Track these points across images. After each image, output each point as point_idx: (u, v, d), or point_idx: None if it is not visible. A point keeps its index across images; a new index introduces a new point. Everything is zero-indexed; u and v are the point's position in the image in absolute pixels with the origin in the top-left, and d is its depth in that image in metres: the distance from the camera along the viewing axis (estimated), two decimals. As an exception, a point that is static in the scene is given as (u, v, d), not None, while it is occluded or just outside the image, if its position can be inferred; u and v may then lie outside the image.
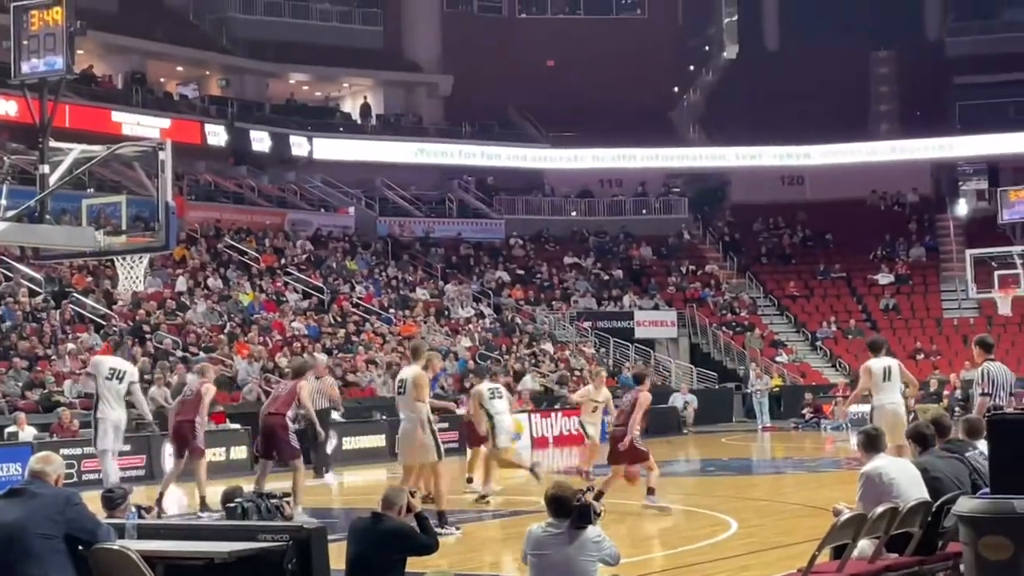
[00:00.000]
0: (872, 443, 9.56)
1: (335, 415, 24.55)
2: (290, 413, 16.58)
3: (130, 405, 18.14)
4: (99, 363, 18.16)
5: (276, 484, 15.44)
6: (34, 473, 7.60)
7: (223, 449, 24.74)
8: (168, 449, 20.12)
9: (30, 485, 7.52)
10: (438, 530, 14.64)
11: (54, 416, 24.45)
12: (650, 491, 16.44)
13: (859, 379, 17.06)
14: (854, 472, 11.27)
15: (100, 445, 17.45)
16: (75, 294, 31.15)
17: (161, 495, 17.12)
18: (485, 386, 19.62)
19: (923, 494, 9.14)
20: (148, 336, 30.06)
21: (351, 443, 27.86)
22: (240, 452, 25.11)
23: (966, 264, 35.29)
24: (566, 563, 7.81)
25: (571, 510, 7.89)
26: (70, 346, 28.30)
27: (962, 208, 50.78)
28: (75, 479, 21.92)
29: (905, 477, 9.20)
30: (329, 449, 23.76)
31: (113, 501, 9.65)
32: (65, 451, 21.97)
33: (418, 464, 15.57)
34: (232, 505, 10.91)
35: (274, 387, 20.52)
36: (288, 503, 11.94)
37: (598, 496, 14.34)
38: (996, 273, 33.53)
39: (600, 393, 21.84)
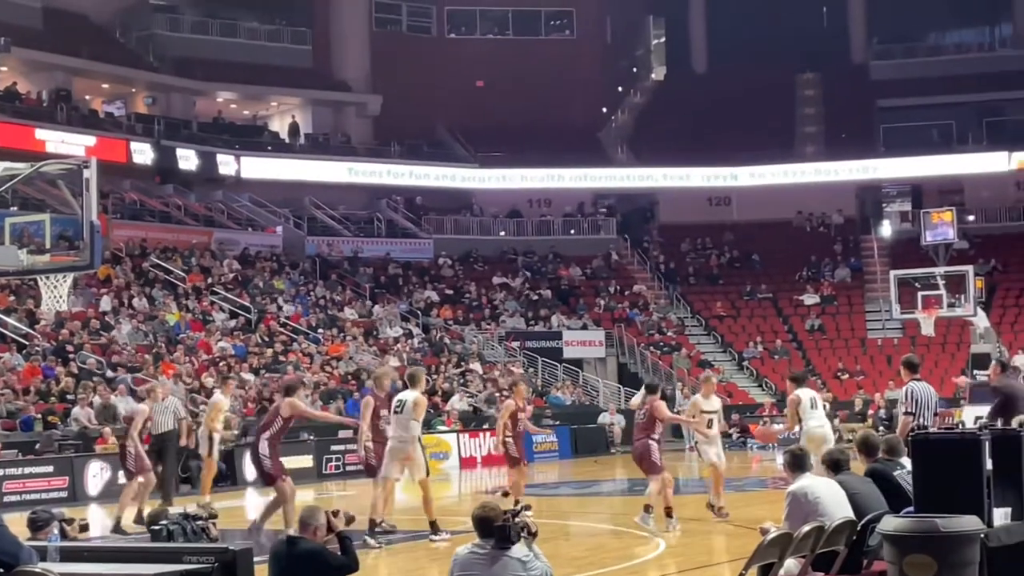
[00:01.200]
0: (798, 463, 9.64)
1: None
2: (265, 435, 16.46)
3: None
4: None
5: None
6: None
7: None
8: (91, 470, 19.94)
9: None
10: (432, 537, 15.84)
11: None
12: (647, 508, 16.50)
13: (789, 411, 17.74)
14: (780, 491, 11.34)
15: None
16: (-3, 313, 30.75)
17: (118, 518, 17.15)
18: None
19: (848, 513, 9.22)
20: (72, 356, 29.74)
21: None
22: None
23: (890, 285, 35.68)
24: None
25: (495, 530, 7.83)
26: (-8, 366, 27.91)
27: (886, 229, 51.35)
28: (-4, 501, 21.61)
29: (831, 496, 9.28)
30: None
31: (37, 523, 9.52)
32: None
33: (394, 480, 16.53)
34: (157, 527, 10.77)
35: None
36: (214, 524, 11.79)
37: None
38: (919, 294, 33.93)
39: (710, 402, 18.68)
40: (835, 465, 9.91)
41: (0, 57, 37.77)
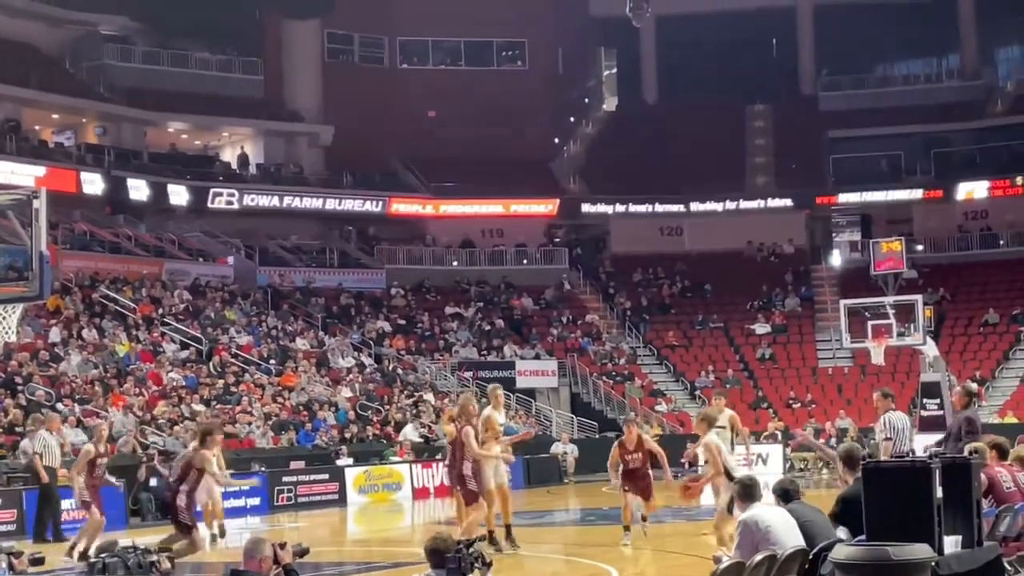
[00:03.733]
0: (748, 492, 9.66)
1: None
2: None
3: None
4: None
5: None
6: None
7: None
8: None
9: None
10: (509, 551, 16.24)
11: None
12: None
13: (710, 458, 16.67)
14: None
15: None
16: (-55, 345, 30.43)
17: (84, 550, 17.02)
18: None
19: (799, 541, 9.25)
20: (20, 388, 29.47)
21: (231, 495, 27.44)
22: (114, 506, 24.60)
23: (840, 314, 35.92)
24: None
25: (446, 561, 7.79)
26: (-61, 398, 27.63)
27: (836, 259, 51.79)
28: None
29: (782, 524, 9.30)
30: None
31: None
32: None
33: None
34: (94, 560, 10.67)
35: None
36: (168, 558, 11.72)
37: None
38: (869, 323, 34.16)
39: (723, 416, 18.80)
40: (784, 495, 9.94)
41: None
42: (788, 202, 52.52)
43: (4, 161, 39.53)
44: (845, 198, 52.63)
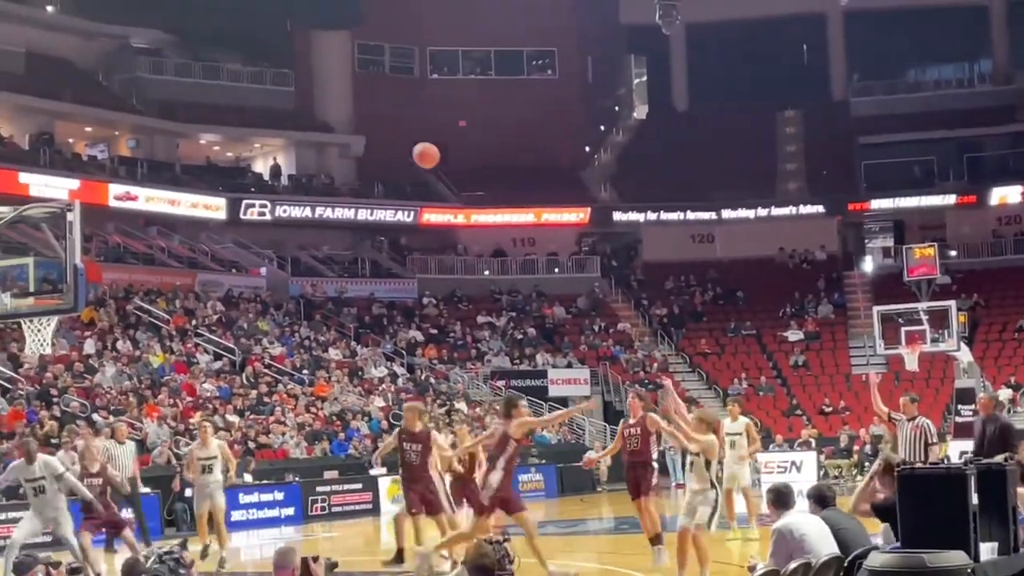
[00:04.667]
0: (782, 500, 9.62)
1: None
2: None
3: None
4: None
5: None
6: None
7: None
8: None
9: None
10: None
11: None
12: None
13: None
14: (766, 528, 11.33)
15: None
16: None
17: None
18: None
19: (834, 549, 9.21)
20: (56, 399, 29.63)
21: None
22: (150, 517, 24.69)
23: (873, 320, 35.76)
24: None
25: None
26: (-25, 410, 27.82)
27: (869, 265, 51.58)
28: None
29: (816, 532, 9.26)
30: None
31: (21, 568, 9.46)
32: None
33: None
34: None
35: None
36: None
37: None
38: (903, 329, 34.00)
39: (738, 423, 19.61)
40: (820, 499, 9.90)
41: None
42: (820, 208, 52.37)
43: (38, 174, 39.78)
44: (877, 204, 52.43)
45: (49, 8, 46.58)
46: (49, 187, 38.84)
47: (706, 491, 14.51)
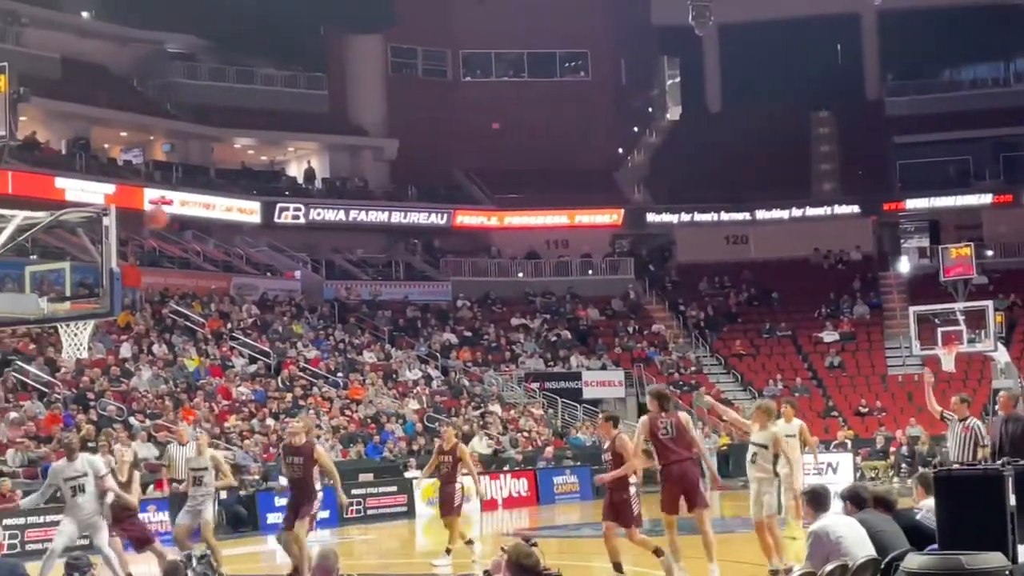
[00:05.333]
0: (818, 501, 9.57)
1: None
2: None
3: None
4: None
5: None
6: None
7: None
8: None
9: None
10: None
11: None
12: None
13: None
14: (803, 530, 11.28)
15: None
16: (18, 361, 30.83)
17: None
18: None
19: (870, 551, 9.16)
20: (92, 403, 29.80)
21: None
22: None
23: (909, 321, 35.58)
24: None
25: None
26: (12, 415, 27.99)
27: (904, 265, 51.34)
28: (18, 549, 21.62)
29: (853, 534, 9.22)
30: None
31: (78, 568, 9.49)
32: (8, 521, 21.72)
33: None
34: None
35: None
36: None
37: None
38: (939, 330, 33.83)
39: (792, 425, 18.77)
40: (857, 501, 9.85)
41: (20, 107, 37.94)
42: (855, 208, 52.20)
43: (74, 179, 40.00)
44: (913, 204, 52.20)
45: (84, 14, 46.83)
46: (85, 192, 39.01)
47: (771, 479, 14.54)
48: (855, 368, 46.31)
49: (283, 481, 27.39)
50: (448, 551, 18.72)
